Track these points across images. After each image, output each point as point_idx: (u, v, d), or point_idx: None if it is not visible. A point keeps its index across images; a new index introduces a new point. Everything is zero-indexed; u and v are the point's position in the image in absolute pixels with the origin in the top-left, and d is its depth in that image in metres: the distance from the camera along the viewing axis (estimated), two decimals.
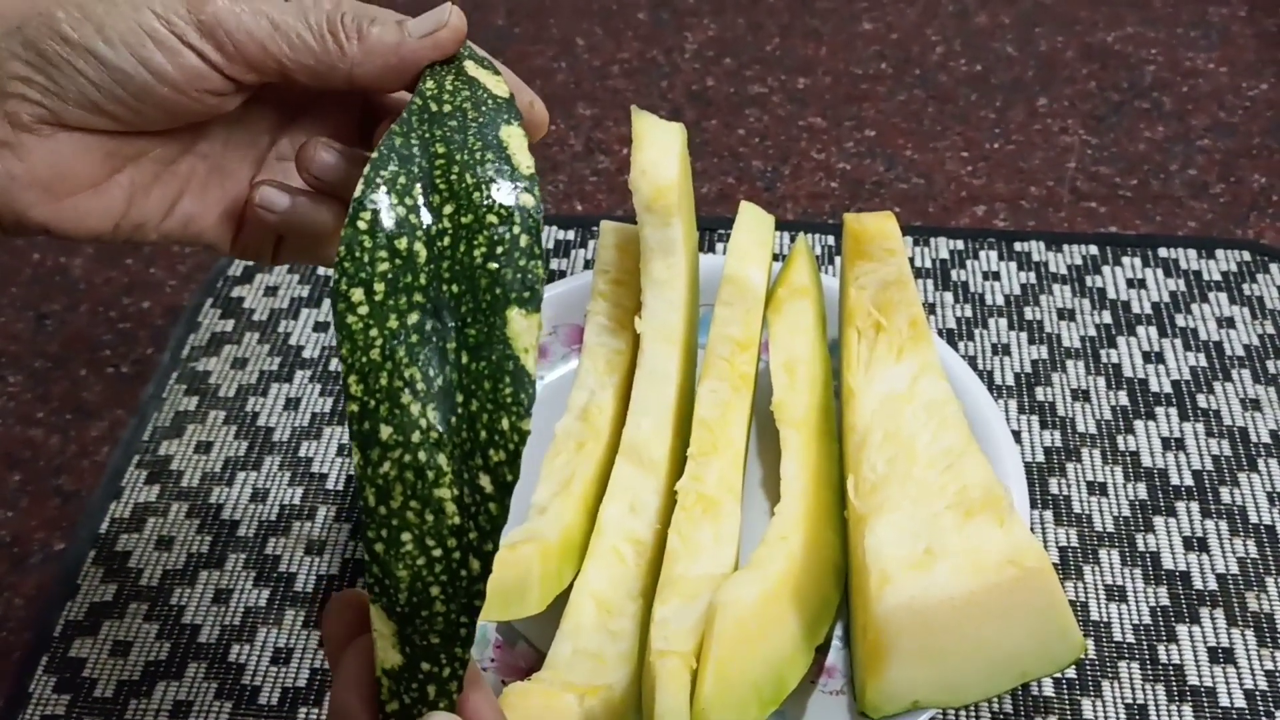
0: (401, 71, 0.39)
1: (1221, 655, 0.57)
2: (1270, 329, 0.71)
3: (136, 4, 0.36)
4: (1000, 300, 0.74)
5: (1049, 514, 0.63)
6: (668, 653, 0.47)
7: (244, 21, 0.37)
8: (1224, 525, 0.62)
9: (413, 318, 0.35)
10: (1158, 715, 0.55)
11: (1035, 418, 0.67)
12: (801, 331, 0.62)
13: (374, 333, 0.34)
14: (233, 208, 0.42)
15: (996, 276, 0.75)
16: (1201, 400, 0.68)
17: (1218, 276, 0.74)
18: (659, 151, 0.59)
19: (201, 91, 0.37)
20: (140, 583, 0.62)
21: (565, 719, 0.47)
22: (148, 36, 0.36)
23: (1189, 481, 0.64)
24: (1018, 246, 0.77)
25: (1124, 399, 0.68)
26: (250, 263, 0.78)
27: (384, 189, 0.35)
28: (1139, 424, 0.67)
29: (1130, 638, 0.58)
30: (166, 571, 0.62)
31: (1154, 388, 0.68)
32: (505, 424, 0.34)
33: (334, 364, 0.72)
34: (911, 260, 0.76)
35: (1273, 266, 0.75)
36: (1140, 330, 0.71)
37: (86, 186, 0.38)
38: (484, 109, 0.38)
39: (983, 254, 0.76)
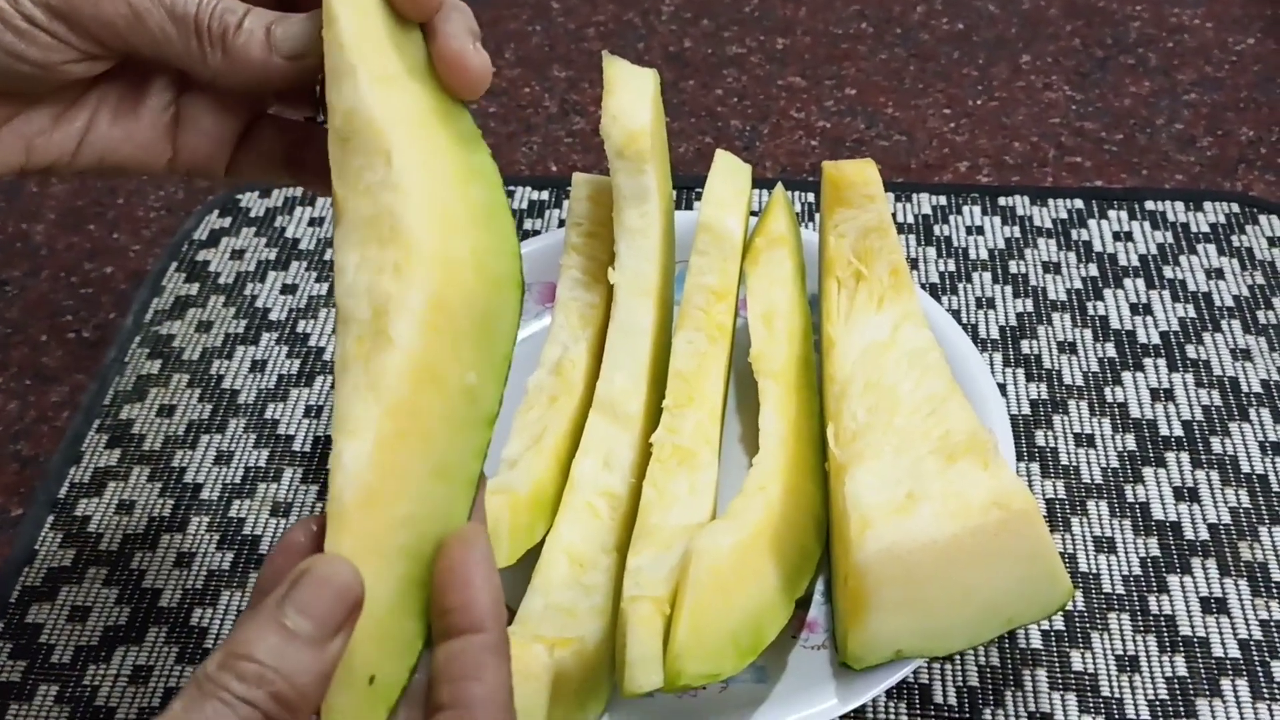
0: (270, 87, 0.36)
1: (1214, 605, 0.55)
2: (1260, 279, 0.69)
3: None
4: (984, 254, 0.72)
5: (1035, 466, 0.61)
6: (640, 598, 0.45)
7: (101, 9, 0.33)
8: (1215, 475, 0.60)
9: None
10: (1149, 666, 0.53)
11: (1021, 370, 0.65)
12: (780, 283, 0.60)
13: None
14: (157, 128, 0.38)
15: (980, 231, 0.73)
16: (1191, 351, 0.66)
17: (1206, 228, 0.73)
18: (631, 96, 0.58)
19: (68, 64, 0.35)
20: (100, 548, 0.59)
21: (534, 670, 0.45)
22: None
23: (1179, 432, 0.62)
24: (1002, 201, 0.75)
25: (1111, 350, 0.66)
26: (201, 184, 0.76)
27: None
28: (1127, 375, 0.65)
29: (1120, 589, 0.56)
30: (127, 536, 0.60)
31: (1142, 339, 0.67)
32: None
33: (301, 326, 0.70)
34: (893, 216, 0.74)
35: (1262, 218, 0.73)
36: (1127, 282, 0.70)
37: None
38: None
39: (966, 209, 0.75)
